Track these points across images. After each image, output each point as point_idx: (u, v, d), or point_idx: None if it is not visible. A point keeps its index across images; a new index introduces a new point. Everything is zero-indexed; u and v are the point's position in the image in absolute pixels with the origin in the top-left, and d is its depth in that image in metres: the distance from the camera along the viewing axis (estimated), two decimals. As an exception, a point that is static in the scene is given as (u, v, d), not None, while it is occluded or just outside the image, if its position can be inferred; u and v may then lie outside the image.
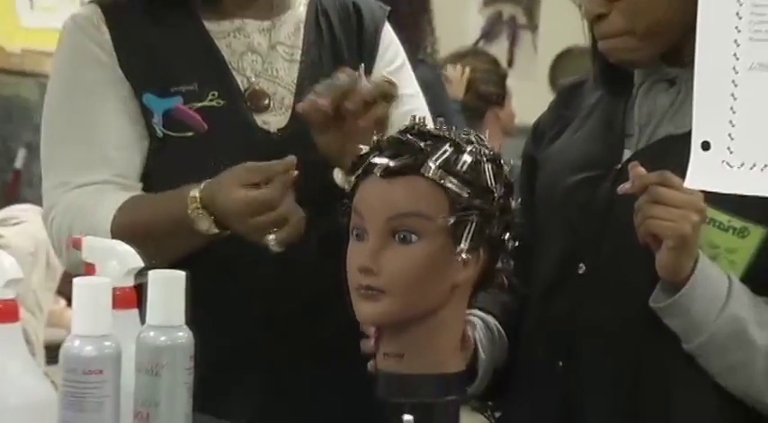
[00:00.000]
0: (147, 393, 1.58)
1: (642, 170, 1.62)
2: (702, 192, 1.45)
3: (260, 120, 1.99)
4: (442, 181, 1.62)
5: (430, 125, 1.71)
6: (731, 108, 1.17)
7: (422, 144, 1.63)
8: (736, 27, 1.17)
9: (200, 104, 1.95)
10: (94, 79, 1.97)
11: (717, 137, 1.18)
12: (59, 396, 1.52)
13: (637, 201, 1.62)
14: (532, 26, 5.73)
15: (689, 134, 1.61)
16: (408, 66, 2.17)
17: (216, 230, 1.83)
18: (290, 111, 2.01)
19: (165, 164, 1.96)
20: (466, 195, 1.62)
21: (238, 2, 2.03)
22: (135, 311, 1.63)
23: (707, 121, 1.19)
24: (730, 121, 1.17)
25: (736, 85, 1.17)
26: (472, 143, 1.66)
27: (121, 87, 1.96)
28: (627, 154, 1.77)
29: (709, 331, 1.61)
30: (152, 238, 1.84)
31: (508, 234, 1.67)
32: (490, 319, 1.85)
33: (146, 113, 1.96)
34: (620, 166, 1.74)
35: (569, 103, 1.90)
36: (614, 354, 1.71)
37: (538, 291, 1.84)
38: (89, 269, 1.65)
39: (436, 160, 1.62)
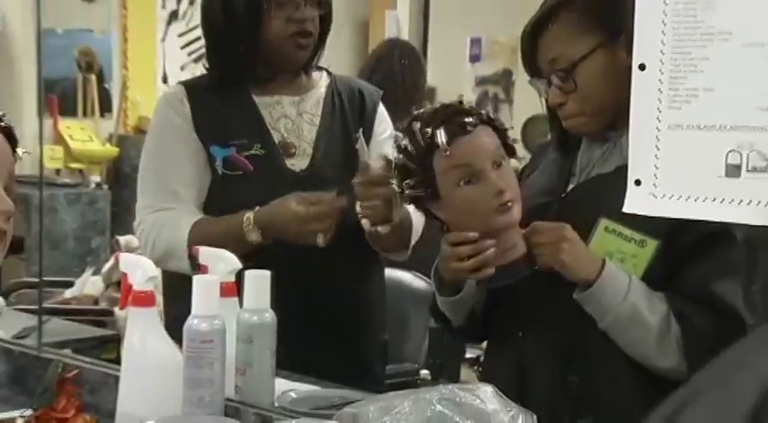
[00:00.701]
0: (244, 356, 1.57)
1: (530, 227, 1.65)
2: (616, 212, 1.41)
3: (289, 163, 2.00)
4: (499, 125, 1.67)
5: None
6: (656, 155, 1.16)
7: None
8: (659, 99, 1.17)
9: (248, 153, 1.96)
10: (173, 139, 1.99)
11: (645, 176, 1.17)
12: (184, 358, 1.50)
13: None
14: (509, 100, 5.70)
15: (612, 173, 1.62)
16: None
17: (260, 240, 1.85)
18: (309, 157, 2.02)
19: (224, 193, 1.97)
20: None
21: (278, 85, 2.03)
22: (235, 299, 1.61)
23: (638, 165, 1.18)
24: (655, 165, 1.16)
25: (659, 140, 1.16)
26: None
27: (193, 144, 1.97)
28: (570, 187, 1.75)
29: (613, 314, 1.57)
30: (214, 246, 1.85)
31: None
32: None
33: (211, 159, 1.96)
34: (564, 194, 1.71)
35: (540, 155, 1.88)
36: (555, 328, 1.67)
37: None
38: (203, 269, 1.64)
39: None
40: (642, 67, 1.19)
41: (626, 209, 1.24)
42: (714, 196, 1.15)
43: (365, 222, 1.85)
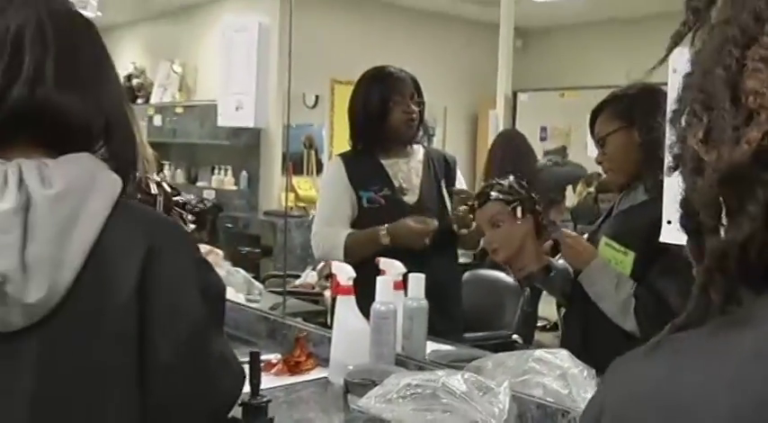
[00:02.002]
0: (407, 327, 1.53)
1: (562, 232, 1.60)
2: (612, 233, 1.45)
3: (405, 199, 1.94)
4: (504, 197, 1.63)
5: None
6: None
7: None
8: (684, 169, 1.07)
9: (380, 193, 1.92)
10: (335, 187, 1.95)
11: (674, 218, 1.07)
12: (370, 328, 1.47)
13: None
14: (563, 164, 5.54)
15: (624, 211, 1.54)
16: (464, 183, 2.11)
17: (388, 243, 1.82)
18: (417, 195, 1.95)
19: (367, 216, 1.91)
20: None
21: (394, 152, 1.97)
22: (402, 291, 1.56)
23: (670, 210, 1.09)
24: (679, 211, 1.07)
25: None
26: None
27: (348, 190, 1.93)
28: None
29: (593, 290, 1.48)
30: (359, 247, 1.84)
31: None
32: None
33: (359, 198, 1.92)
34: (606, 221, 1.62)
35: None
36: (579, 302, 1.54)
37: None
38: (382, 272, 1.59)
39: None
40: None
41: (661, 239, 1.15)
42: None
43: (456, 227, 1.86)
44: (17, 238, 0.75)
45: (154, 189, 1.64)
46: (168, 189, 1.70)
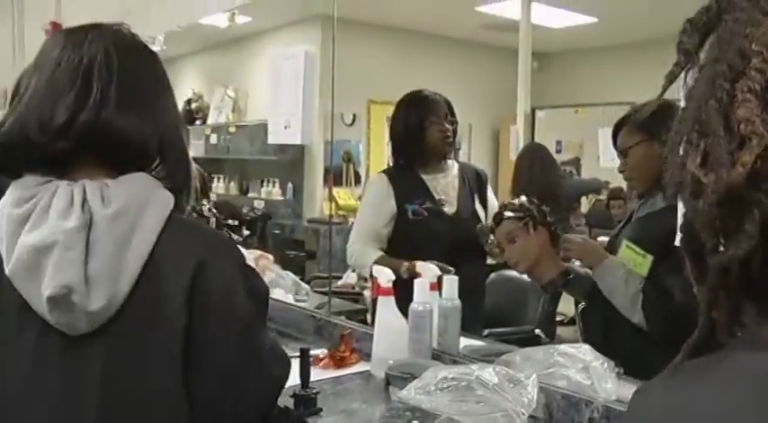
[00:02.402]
0: (442, 325, 1.51)
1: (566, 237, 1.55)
2: (633, 238, 1.40)
3: (444, 210, 1.91)
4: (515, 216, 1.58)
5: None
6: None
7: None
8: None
9: (423, 206, 1.89)
10: (377, 203, 1.92)
11: None
12: (409, 326, 1.45)
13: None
14: (579, 175, 5.40)
15: (643, 217, 1.50)
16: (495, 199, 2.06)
17: (407, 276, 1.70)
18: (455, 207, 1.92)
19: (411, 227, 1.88)
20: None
21: (432, 167, 1.94)
22: (437, 292, 1.54)
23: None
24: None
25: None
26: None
27: (392, 206, 1.90)
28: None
29: (606, 287, 1.45)
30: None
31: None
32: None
33: (404, 211, 1.89)
34: (626, 226, 1.58)
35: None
36: (599, 300, 1.50)
37: None
38: (418, 276, 1.57)
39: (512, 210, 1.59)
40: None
41: (676, 243, 1.11)
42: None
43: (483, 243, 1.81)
44: (80, 253, 0.76)
45: (206, 212, 1.66)
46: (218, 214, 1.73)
